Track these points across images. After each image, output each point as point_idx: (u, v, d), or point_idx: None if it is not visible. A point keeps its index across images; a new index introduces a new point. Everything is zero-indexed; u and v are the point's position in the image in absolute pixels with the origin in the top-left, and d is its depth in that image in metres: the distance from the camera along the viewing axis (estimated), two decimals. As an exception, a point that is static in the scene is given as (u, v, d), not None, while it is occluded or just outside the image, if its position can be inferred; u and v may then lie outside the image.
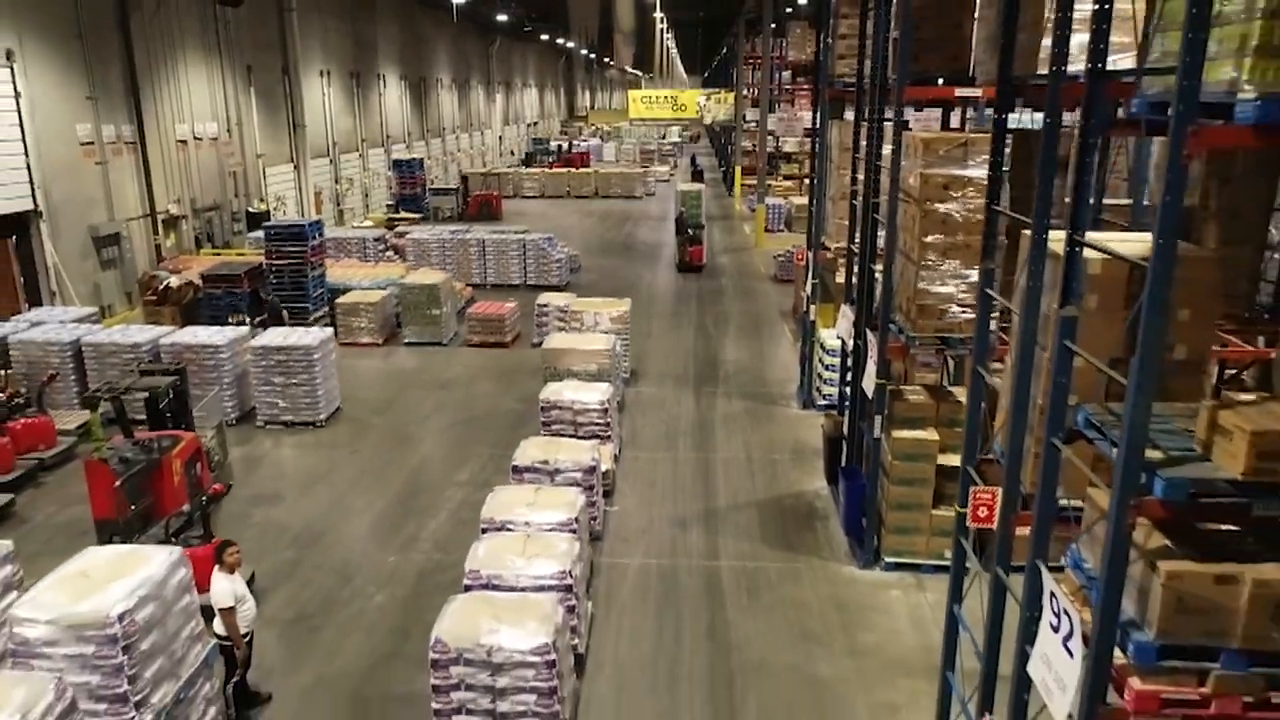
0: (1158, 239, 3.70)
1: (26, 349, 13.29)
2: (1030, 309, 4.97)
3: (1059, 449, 4.62)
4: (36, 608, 5.46)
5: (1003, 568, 5.33)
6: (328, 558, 9.66)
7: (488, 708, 6.63)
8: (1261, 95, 3.38)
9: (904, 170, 8.59)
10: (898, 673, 7.67)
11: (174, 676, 5.89)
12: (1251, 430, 3.72)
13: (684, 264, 24.64)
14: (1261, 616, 3.89)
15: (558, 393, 11.58)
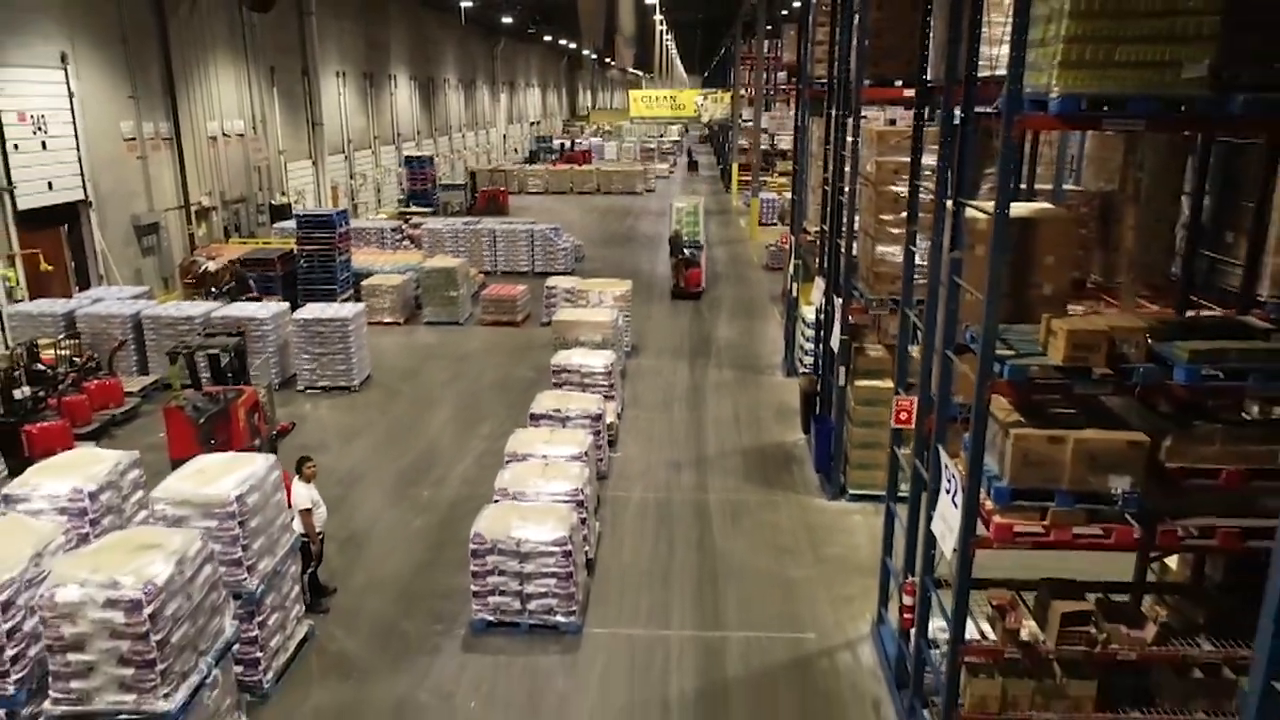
0: (997, 210, 5.27)
1: (92, 322, 14.88)
2: (935, 255, 6.54)
3: (951, 359, 6.20)
4: (170, 492, 7.05)
5: (919, 459, 6.91)
6: (370, 493, 11.24)
7: (516, 589, 8.22)
8: (1063, 95, 4.95)
9: (863, 159, 10.17)
10: (854, 574, 9.23)
11: (271, 554, 7.47)
12: (1068, 330, 5.29)
13: (679, 289, 21.47)
14: (1081, 466, 5.45)
15: (567, 358, 13.13)
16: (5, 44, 16.48)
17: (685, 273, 21.34)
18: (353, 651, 8.10)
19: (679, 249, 21.88)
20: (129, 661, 5.73)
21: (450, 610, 8.63)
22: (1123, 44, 4.92)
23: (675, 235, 22.42)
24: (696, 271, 21.40)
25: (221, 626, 6.57)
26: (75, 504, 7.15)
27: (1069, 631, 5.92)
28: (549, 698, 7.45)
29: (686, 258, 21.55)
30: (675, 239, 22.26)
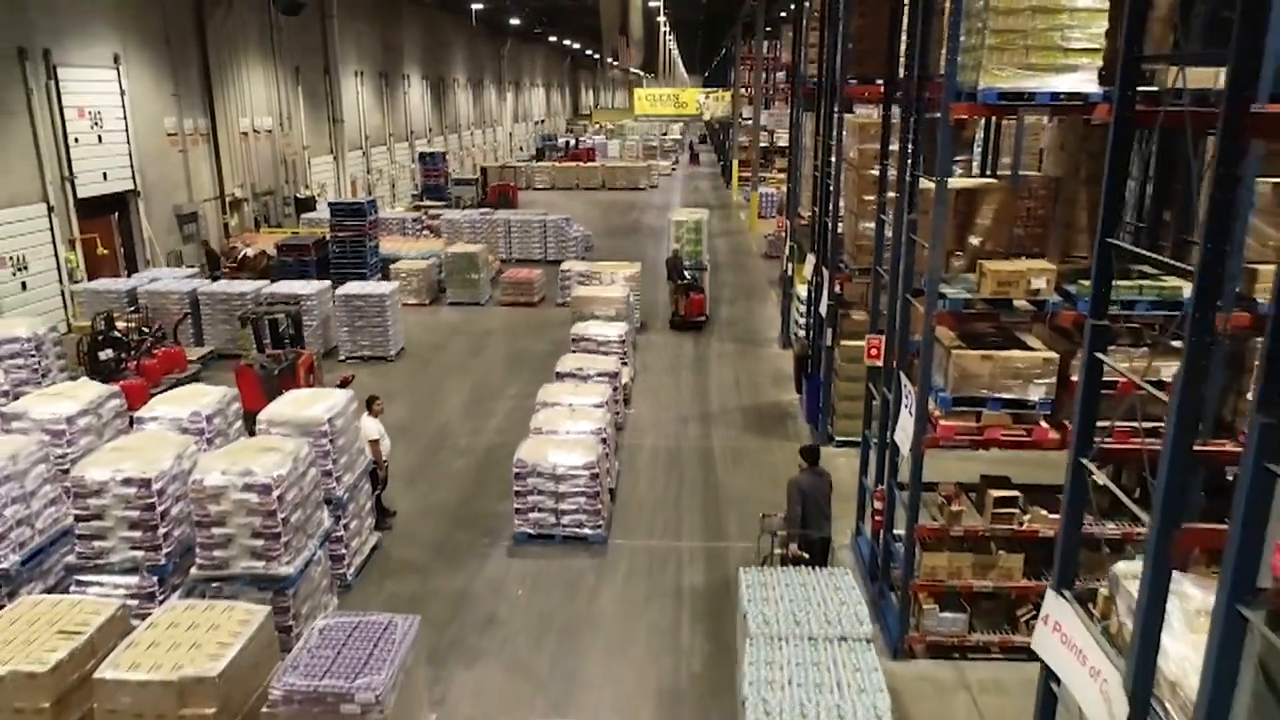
0: (938, 178, 6.82)
1: (152, 298, 16.43)
2: (898, 221, 8.09)
3: (910, 300, 7.76)
4: (274, 415, 8.61)
5: (887, 387, 8.45)
6: (418, 440, 12.78)
7: (552, 506, 9.77)
8: (987, 87, 6.50)
9: (847, 147, 11.71)
10: (839, 502, 10.61)
11: (351, 470, 9.02)
12: (994, 270, 6.85)
13: (678, 319, 18.42)
14: (1004, 378, 7.01)
15: (585, 328, 14.65)
16: (67, 46, 18.02)
17: (686, 300, 18.41)
18: (415, 558, 9.65)
19: (679, 272, 18.64)
20: (260, 534, 7.28)
21: (495, 528, 10.18)
22: (1033, 50, 6.48)
23: (674, 256, 18.97)
24: (699, 298, 18.56)
25: (322, 519, 8.13)
26: (194, 425, 8.72)
27: (1000, 513, 7.49)
28: (583, 588, 9.01)
29: (688, 282, 18.57)
30: (674, 261, 18.85)
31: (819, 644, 6.28)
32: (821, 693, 5.73)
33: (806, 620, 6.51)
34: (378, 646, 6.26)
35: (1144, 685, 3.69)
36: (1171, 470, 3.47)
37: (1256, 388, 2.96)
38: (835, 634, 6.39)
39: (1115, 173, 4.15)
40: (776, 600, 6.76)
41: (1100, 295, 4.29)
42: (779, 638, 6.36)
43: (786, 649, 6.21)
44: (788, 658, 6.10)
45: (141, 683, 5.90)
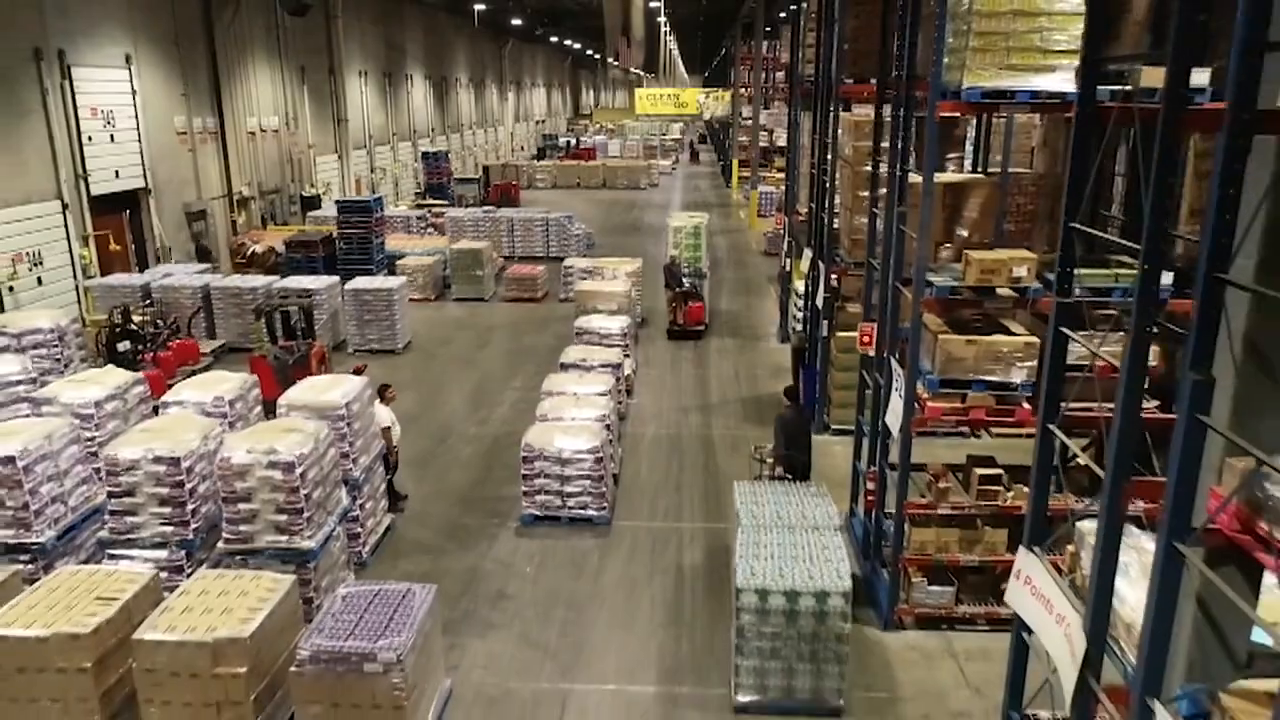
0: (925, 173, 7.22)
1: (165, 293, 16.84)
2: (889, 214, 8.49)
3: (899, 289, 8.16)
4: (294, 399, 9.01)
5: (879, 372, 8.85)
6: (427, 428, 13.18)
7: (558, 489, 10.17)
8: (970, 86, 6.90)
9: (842, 144, 12.10)
10: (834, 487, 11.03)
11: (367, 452, 9.43)
12: (978, 259, 7.25)
13: (676, 327, 17.89)
14: (988, 361, 7.40)
15: (588, 321, 15.05)
16: (81, 47, 18.43)
17: (684, 307, 17.84)
18: (427, 539, 10.05)
19: (677, 279, 18.03)
20: (283, 510, 7.68)
21: (503, 510, 10.59)
22: (1014, 51, 6.89)
23: (672, 263, 18.31)
24: (699, 306, 17.95)
25: (340, 497, 8.54)
26: (217, 409, 9.12)
27: (985, 490, 7.89)
28: (588, 565, 9.41)
29: (686, 290, 18.02)
30: (672, 268, 18.16)
31: (796, 531, 7.67)
32: (797, 563, 7.12)
33: (787, 516, 7.95)
34: (398, 612, 6.66)
35: (1100, 623, 4.09)
36: (1122, 429, 3.87)
37: (1188, 351, 3.36)
38: (809, 525, 7.81)
39: (1078, 164, 4.55)
40: (764, 504, 8.19)
41: (1065, 275, 4.69)
42: (764, 528, 7.72)
43: (770, 535, 7.58)
44: (770, 540, 7.48)
45: (178, 643, 6.30)
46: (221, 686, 6.35)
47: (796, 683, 7.07)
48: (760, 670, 7.08)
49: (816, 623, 6.89)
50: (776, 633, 6.96)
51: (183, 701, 6.40)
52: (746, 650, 7.05)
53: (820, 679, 7.04)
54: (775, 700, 7.12)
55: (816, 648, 6.97)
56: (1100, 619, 4.09)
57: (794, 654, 6.99)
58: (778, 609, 6.88)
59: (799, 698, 7.08)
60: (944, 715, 7.15)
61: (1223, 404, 3.47)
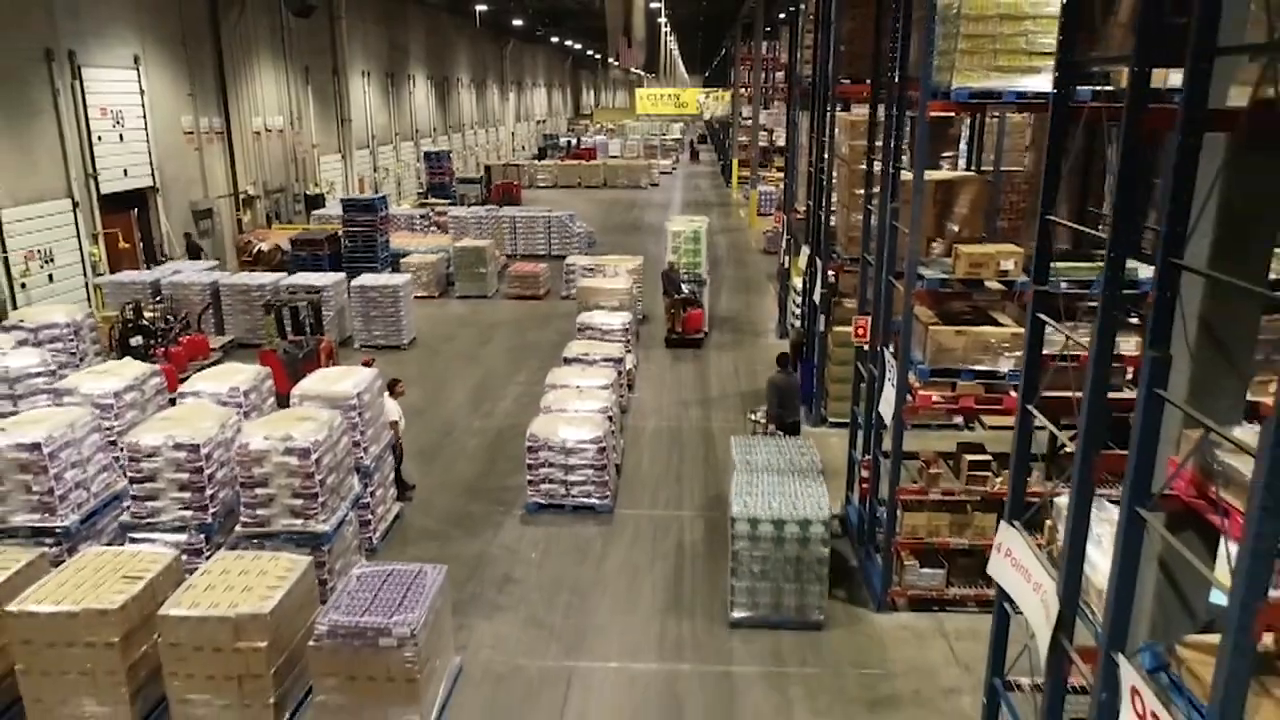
0: (915, 170, 7.51)
1: (175, 289, 17.14)
2: (883, 210, 8.79)
3: (892, 282, 8.46)
4: (306, 390, 9.31)
5: (873, 364, 9.15)
6: (432, 422, 13.49)
7: (562, 478, 10.47)
8: (959, 87, 7.19)
9: (838, 143, 12.39)
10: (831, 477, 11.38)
11: (377, 441, 9.73)
12: (967, 252, 7.55)
13: (674, 335, 17.24)
14: (976, 351, 7.70)
15: (590, 318, 15.34)
16: (91, 48, 18.73)
17: (683, 315, 17.22)
18: (434, 526, 10.35)
19: (675, 286, 17.28)
20: (299, 495, 7.99)
21: (508, 499, 10.89)
22: (1001, 53, 7.18)
23: (671, 269, 17.51)
24: (698, 313, 17.38)
25: (352, 484, 8.84)
26: (233, 399, 9.42)
27: (974, 475, 8.19)
28: (592, 551, 9.71)
29: (685, 297, 17.37)
30: (670, 274, 17.39)
31: (784, 475, 8.76)
32: (784, 498, 8.22)
33: (776, 463, 9.01)
34: (410, 590, 6.96)
35: (1073, 586, 4.38)
36: (1091, 405, 4.16)
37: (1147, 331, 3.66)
38: (796, 470, 8.88)
39: (1053, 160, 4.84)
40: (757, 454, 9.24)
41: (1042, 265, 4.99)
42: (756, 472, 8.82)
43: (761, 477, 8.68)
44: (761, 480, 8.62)
45: (201, 618, 6.61)
46: (243, 660, 6.65)
47: (783, 600, 8.23)
48: (752, 590, 8.23)
49: (800, 547, 8.03)
50: (765, 556, 8.08)
51: (206, 674, 6.70)
52: (740, 573, 8.20)
53: (804, 597, 8.22)
54: (764, 616, 8.27)
55: (800, 570, 8.12)
56: (1073, 582, 4.39)
57: (781, 575, 8.15)
58: (766, 536, 8.03)
59: (785, 613, 8.25)
60: (934, 691, 7.44)
61: (1181, 381, 3.76)
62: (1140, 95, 3.77)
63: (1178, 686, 3.72)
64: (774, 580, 8.15)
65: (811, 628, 8.21)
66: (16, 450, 7.92)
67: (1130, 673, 3.78)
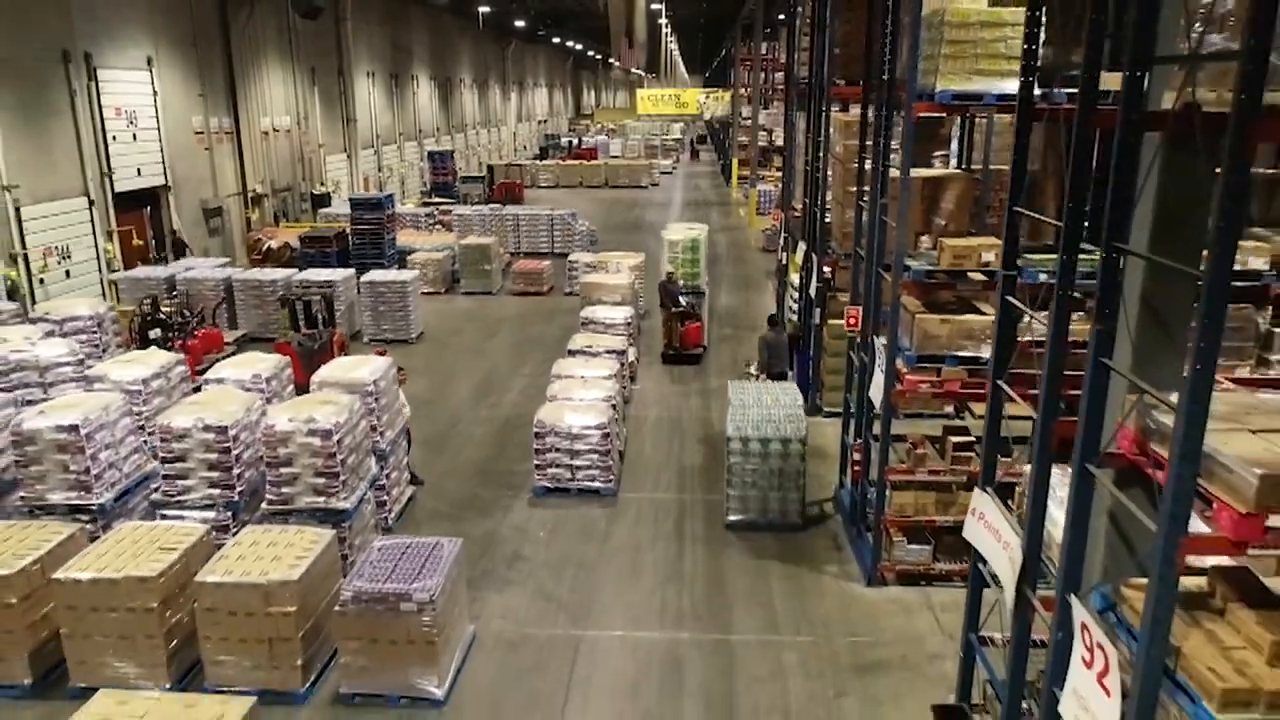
0: (902, 167, 7.99)
1: (189, 285, 17.62)
2: (873, 205, 9.26)
3: (881, 274, 8.93)
4: (326, 377, 9.80)
5: (864, 351, 9.63)
6: (441, 412, 13.97)
7: (568, 463, 10.95)
8: (943, 89, 7.67)
9: (834, 142, 12.87)
10: (824, 461, 11.93)
11: (392, 426, 10.21)
12: (950, 245, 8.03)
13: (671, 351, 16.32)
14: (960, 338, 8.17)
15: (593, 312, 15.80)
16: (106, 49, 19.21)
17: (680, 329, 16.18)
18: (446, 509, 10.83)
19: (673, 298, 16.38)
20: (321, 474, 8.46)
21: (516, 483, 11.37)
22: (982, 58, 7.66)
23: (669, 280, 16.81)
24: (697, 327, 16.35)
25: (370, 465, 9.32)
26: (255, 385, 9.91)
27: (958, 456, 8.67)
28: (596, 531, 10.20)
29: (683, 310, 16.39)
30: (668, 285, 16.65)
31: (770, 409, 10.29)
32: (769, 423, 10.00)
33: (764, 401, 10.53)
34: (428, 560, 7.45)
35: (1035, 539, 4.86)
36: (1049, 376, 4.64)
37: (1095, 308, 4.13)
38: (779, 404, 10.42)
39: (1019, 157, 5.32)
40: (749, 394, 10.80)
41: (1010, 252, 5.46)
42: (748, 406, 10.35)
43: (751, 409, 10.26)
44: (751, 412, 10.21)
45: (235, 584, 7.09)
46: (273, 624, 7.13)
47: (768, 505, 10.11)
48: (743, 497, 10.12)
49: (782, 461, 9.93)
50: (755, 469, 9.96)
51: (238, 638, 7.18)
52: (734, 482, 10.06)
53: (785, 502, 10.10)
54: (753, 519, 10.18)
55: (782, 479, 10.01)
56: (1035, 536, 4.86)
57: (766, 484, 10.01)
58: (755, 451, 9.90)
59: (770, 516, 10.14)
60: (920, 657, 7.92)
61: (1125, 352, 4.23)
62: (1090, 99, 4.25)
63: (1123, 623, 4.19)
64: (761, 489, 10.00)
65: (791, 528, 10.01)
66: (55, 431, 8.41)
67: (1081, 611, 4.25)
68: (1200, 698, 3.68)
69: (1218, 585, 4.16)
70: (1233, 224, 3.15)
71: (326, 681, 7.51)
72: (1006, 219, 5.36)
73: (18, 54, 16.60)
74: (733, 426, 9.94)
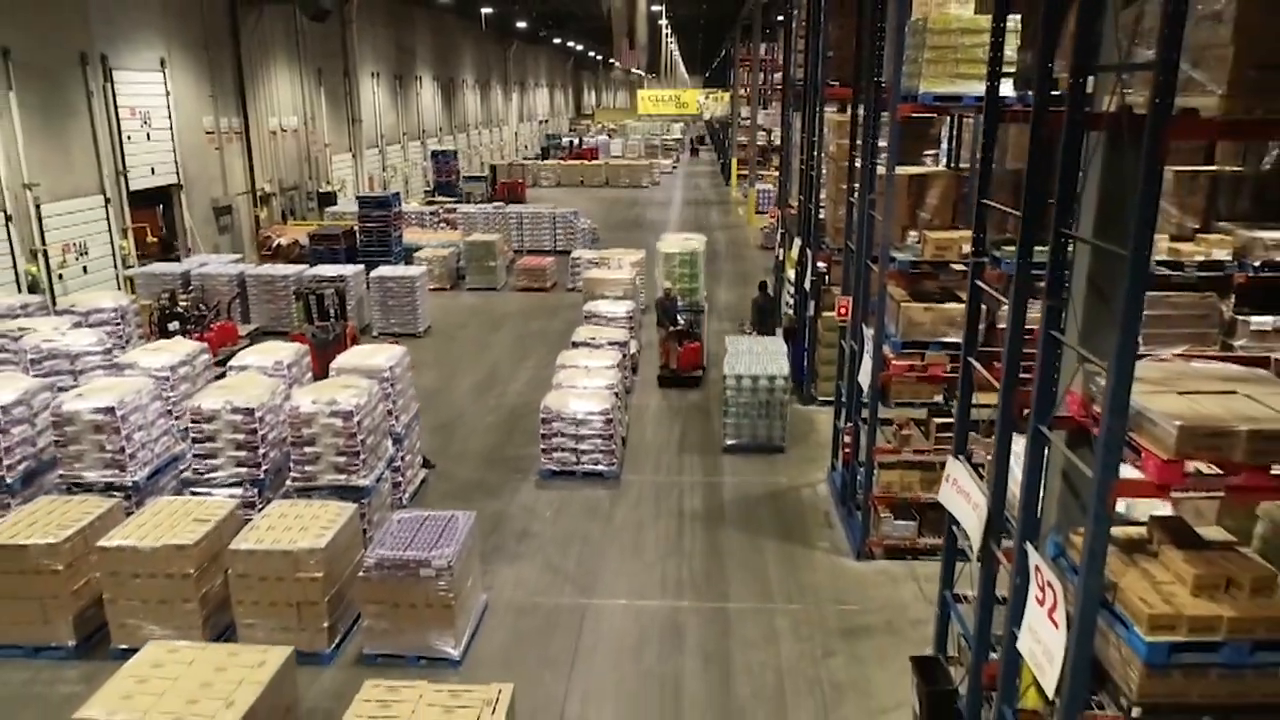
0: (887, 165, 8.53)
1: (204, 280, 18.17)
2: (863, 201, 9.81)
3: (869, 265, 9.48)
4: (344, 364, 10.34)
5: (854, 339, 10.17)
6: (449, 401, 14.52)
7: (573, 447, 11.49)
8: (925, 91, 8.20)
9: (827, 141, 13.42)
10: (817, 448, 12.48)
11: (407, 411, 10.76)
12: (933, 237, 8.57)
13: (668, 374, 15.06)
14: (942, 325, 8.70)
15: (596, 306, 16.33)
16: (121, 52, 19.77)
17: (677, 349, 14.87)
18: (457, 490, 11.37)
19: (671, 317, 15.16)
20: (343, 453, 9.01)
21: (523, 466, 11.91)
22: (962, 62, 8.20)
23: (666, 298, 15.53)
24: (694, 347, 15.10)
25: (387, 446, 9.87)
26: (278, 371, 10.45)
27: (942, 437, 9.21)
28: (600, 510, 10.74)
29: (680, 329, 15.19)
30: (666, 303, 15.37)
31: (758, 356, 12.70)
32: (758, 365, 12.36)
33: (755, 350, 12.99)
34: (445, 531, 7.99)
35: (999, 496, 5.40)
36: (1010, 349, 5.19)
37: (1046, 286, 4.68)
38: (767, 352, 12.85)
39: (986, 155, 5.86)
40: (743, 345, 13.23)
41: (978, 240, 6.00)
42: (740, 354, 12.77)
43: (743, 356, 12.68)
44: (744, 357, 12.65)
45: (266, 551, 7.64)
46: (301, 588, 7.68)
47: (758, 431, 12.38)
48: (737, 425, 12.41)
49: (768, 395, 12.25)
50: (746, 401, 12.26)
51: (269, 601, 7.73)
52: (730, 413, 12.38)
53: (771, 430, 12.37)
54: (745, 441, 12.40)
55: (769, 411, 12.28)
56: (999, 493, 5.39)
57: (756, 414, 12.30)
58: (746, 387, 12.21)
59: (759, 440, 12.38)
60: (904, 622, 8.46)
61: (1073, 326, 4.76)
62: (1044, 101, 4.79)
63: (1071, 566, 4.72)
64: (751, 418, 12.31)
65: (776, 450, 12.28)
66: (93, 413, 8.95)
67: (1034, 556, 4.79)
68: (1132, 623, 4.22)
69: (1154, 532, 4.71)
70: (1149, 211, 3.68)
71: (351, 643, 8.06)
72: (975, 210, 5.90)
73: (39, 56, 17.16)
74: (729, 367, 12.32)
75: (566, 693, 7.53)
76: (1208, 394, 4.25)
